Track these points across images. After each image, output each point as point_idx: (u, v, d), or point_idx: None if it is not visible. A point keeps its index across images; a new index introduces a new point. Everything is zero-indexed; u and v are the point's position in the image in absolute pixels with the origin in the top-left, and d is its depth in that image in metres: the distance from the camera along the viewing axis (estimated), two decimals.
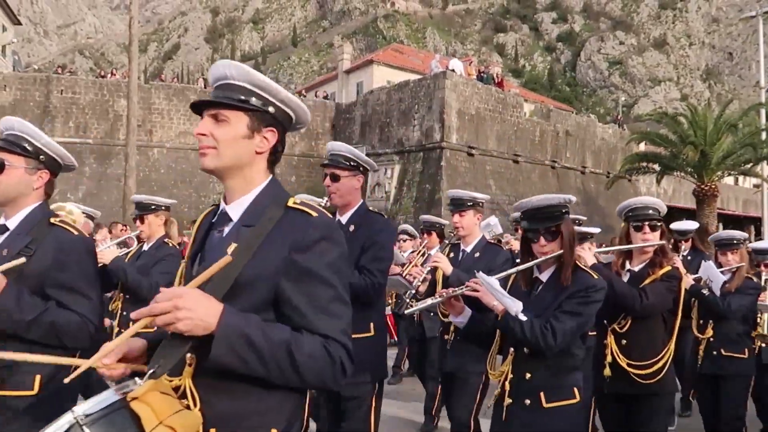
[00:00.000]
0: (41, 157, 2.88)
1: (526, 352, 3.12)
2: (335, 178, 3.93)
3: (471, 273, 3.75)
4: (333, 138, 35.69)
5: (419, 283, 4.72)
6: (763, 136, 28.11)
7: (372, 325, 3.86)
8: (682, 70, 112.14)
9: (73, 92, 32.56)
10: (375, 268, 3.75)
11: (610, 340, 4.03)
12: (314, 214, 1.88)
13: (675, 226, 7.76)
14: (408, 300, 4.54)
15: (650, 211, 4.15)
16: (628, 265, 4.21)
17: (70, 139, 32.15)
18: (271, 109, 2.01)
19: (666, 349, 3.96)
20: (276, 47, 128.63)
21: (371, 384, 3.89)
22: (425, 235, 7.69)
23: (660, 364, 3.92)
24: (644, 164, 31.48)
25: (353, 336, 3.57)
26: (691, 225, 7.86)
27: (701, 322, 5.38)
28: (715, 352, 5.23)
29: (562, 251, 3.13)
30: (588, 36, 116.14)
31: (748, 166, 30.21)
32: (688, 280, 4.95)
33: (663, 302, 3.95)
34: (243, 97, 1.98)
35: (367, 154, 24.48)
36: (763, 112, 29.07)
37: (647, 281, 3.99)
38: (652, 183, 39.16)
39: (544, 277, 3.25)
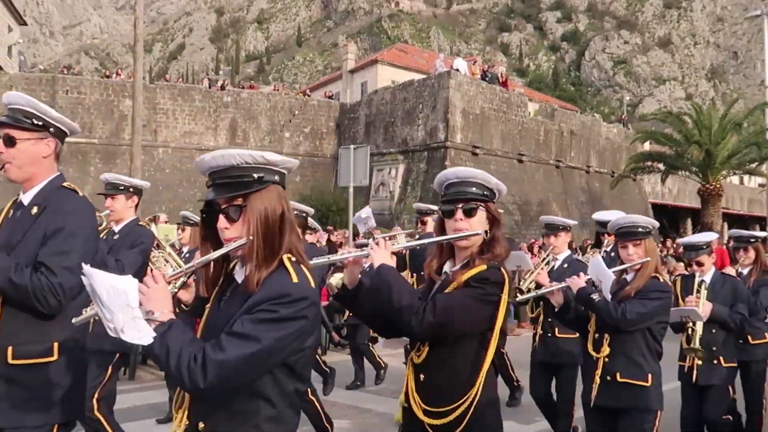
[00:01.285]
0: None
1: None
2: (10, 142, 2.88)
3: None
4: (338, 138, 35.75)
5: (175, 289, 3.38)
6: None
7: (55, 345, 2.84)
8: (686, 70, 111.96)
9: (79, 92, 32.65)
10: (57, 264, 2.77)
11: (408, 373, 2.82)
12: None
13: (597, 216, 6.87)
14: None
15: (470, 189, 2.83)
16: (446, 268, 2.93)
17: (76, 139, 32.23)
18: None
19: (473, 388, 2.66)
20: (280, 47, 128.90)
21: (48, 427, 2.84)
22: (419, 225, 7.47)
23: (461, 410, 2.64)
24: (649, 164, 31.44)
25: (22, 361, 2.77)
26: (615, 216, 6.99)
27: (597, 336, 4.10)
28: (609, 377, 3.97)
29: (248, 239, 2.03)
30: (592, 35, 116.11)
31: (753, 165, 30.16)
32: (578, 282, 4.08)
33: (465, 318, 2.64)
34: None
35: (372, 154, 24.47)
36: None
37: (448, 288, 2.73)
38: (656, 182, 39.15)
39: (240, 275, 2.14)
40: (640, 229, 4.09)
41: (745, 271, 5.93)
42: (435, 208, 7.34)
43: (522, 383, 7.39)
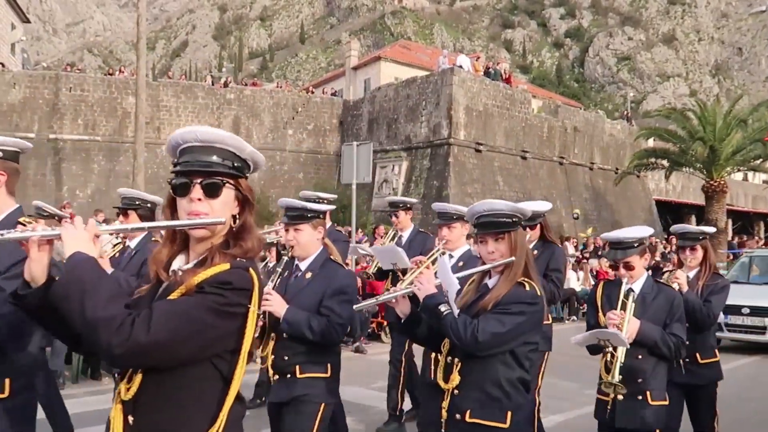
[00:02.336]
0: None
1: None
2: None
3: None
4: (341, 135, 35.71)
5: None
6: None
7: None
8: (691, 66, 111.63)
9: (82, 90, 32.68)
10: None
11: (114, 412, 1.93)
12: None
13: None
14: None
15: (213, 158, 1.96)
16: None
17: (79, 137, 32.28)
18: None
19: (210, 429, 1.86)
20: (284, 44, 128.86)
21: None
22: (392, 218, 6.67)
23: None
24: (653, 160, 31.39)
25: None
26: (539, 206, 5.55)
27: (448, 360, 3.13)
28: (458, 415, 3.03)
29: None
30: (596, 32, 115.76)
31: (758, 161, 30.10)
32: (426, 288, 3.04)
33: (194, 336, 1.80)
34: None
35: (375, 151, 24.44)
36: None
37: (174, 292, 1.88)
38: (660, 179, 39.05)
39: None
40: (503, 219, 3.11)
41: (691, 275, 4.90)
42: (413, 200, 6.77)
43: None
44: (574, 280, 17.91)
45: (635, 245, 4.01)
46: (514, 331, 2.95)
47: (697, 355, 4.73)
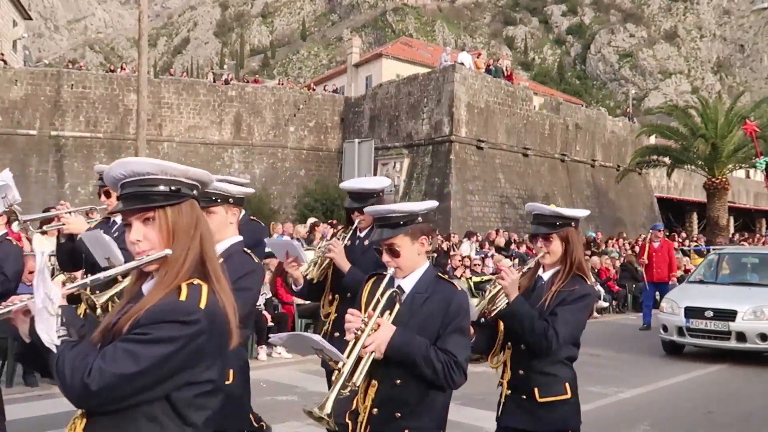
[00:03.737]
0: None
1: None
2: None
3: None
4: (343, 133, 35.69)
5: None
6: None
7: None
8: (692, 63, 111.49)
9: (84, 87, 32.66)
10: None
11: None
12: None
13: (345, 185, 4.52)
14: None
15: None
16: None
17: (81, 134, 32.30)
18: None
19: None
20: (285, 41, 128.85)
21: None
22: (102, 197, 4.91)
23: None
24: (654, 157, 31.36)
25: None
26: (374, 183, 4.50)
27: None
28: None
29: None
30: (598, 28, 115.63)
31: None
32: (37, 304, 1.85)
33: None
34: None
35: (377, 148, 24.44)
36: None
37: None
38: (662, 176, 39.00)
39: None
40: (153, 188, 1.88)
41: (546, 276, 3.46)
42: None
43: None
44: None
45: (402, 222, 2.82)
46: (158, 370, 1.73)
47: (535, 390, 3.31)
